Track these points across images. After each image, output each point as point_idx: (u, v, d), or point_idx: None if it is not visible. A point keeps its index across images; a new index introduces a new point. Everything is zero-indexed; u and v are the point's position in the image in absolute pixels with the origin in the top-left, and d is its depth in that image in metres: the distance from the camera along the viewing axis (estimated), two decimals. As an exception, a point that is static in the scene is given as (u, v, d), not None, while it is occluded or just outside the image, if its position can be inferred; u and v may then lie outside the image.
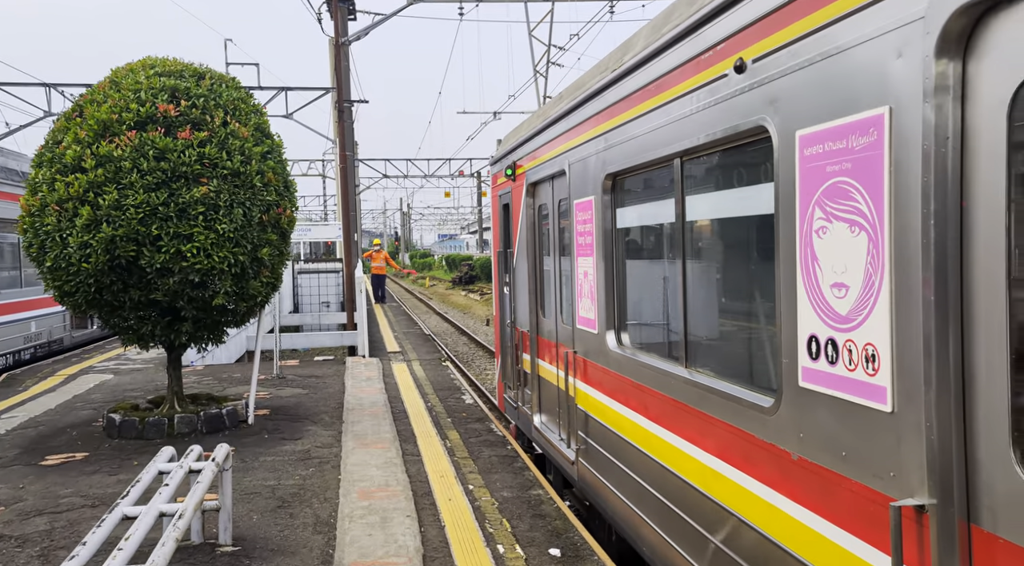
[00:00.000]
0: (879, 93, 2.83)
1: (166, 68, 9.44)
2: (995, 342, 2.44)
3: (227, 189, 9.06)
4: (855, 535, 3.06)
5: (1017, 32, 2.33)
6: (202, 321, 9.53)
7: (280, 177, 9.82)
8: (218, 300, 9.11)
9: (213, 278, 9.05)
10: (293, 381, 13.64)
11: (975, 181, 2.49)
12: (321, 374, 14.31)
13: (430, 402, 11.85)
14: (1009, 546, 2.40)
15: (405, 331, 21.57)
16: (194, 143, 8.97)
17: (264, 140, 9.75)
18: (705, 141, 4.15)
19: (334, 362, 15.73)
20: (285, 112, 36.61)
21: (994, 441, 2.46)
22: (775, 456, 3.59)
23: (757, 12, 3.59)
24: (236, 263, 9.15)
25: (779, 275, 3.51)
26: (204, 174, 8.98)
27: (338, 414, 10.94)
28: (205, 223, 8.91)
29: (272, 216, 9.57)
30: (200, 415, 9.65)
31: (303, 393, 12.54)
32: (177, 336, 9.49)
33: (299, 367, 15.27)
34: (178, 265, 8.85)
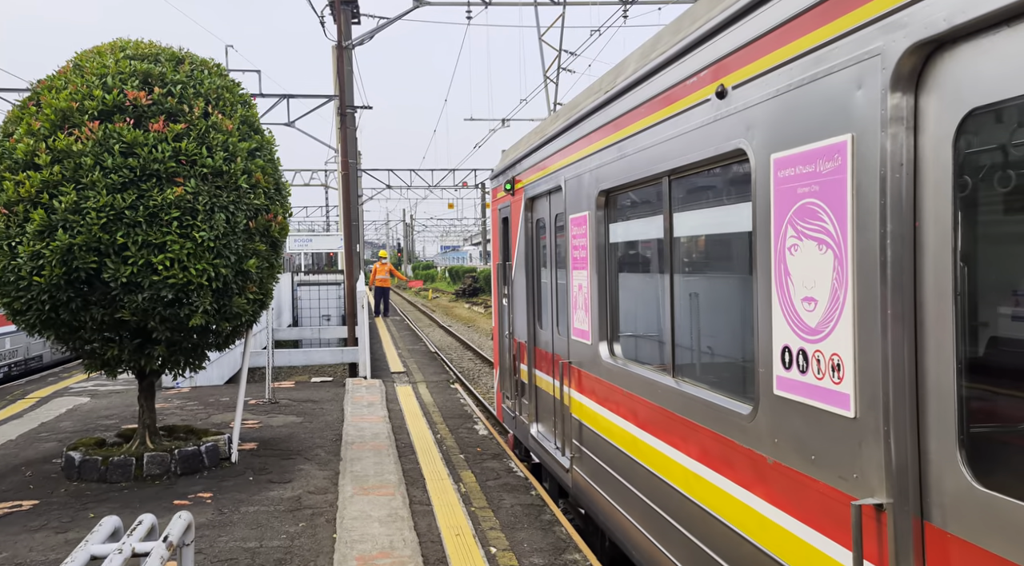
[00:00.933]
0: (843, 122, 3.01)
1: (139, 51, 8.08)
2: (944, 353, 2.62)
3: (207, 191, 7.69)
4: (822, 533, 3.23)
5: (960, 70, 2.53)
6: (178, 344, 8.14)
7: (271, 178, 8.45)
8: (196, 320, 7.73)
9: (190, 294, 7.68)
10: (287, 407, 12.23)
11: (925, 204, 2.68)
12: (318, 398, 12.90)
13: (439, 433, 10.44)
14: (957, 541, 2.57)
15: (410, 348, 20.17)
16: (169, 137, 7.61)
17: (252, 135, 8.39)
18: (691, 161, 4.32)
19: (332, 384, 14.32)
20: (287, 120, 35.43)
21: (943, 444, 2.63)
22: (753, 460, 3.75)
23: (736, 42, 3.77)
24: (217, 277, 7.78)
25: (756, 289, 3.69)
26: (180, 173, 7.62)
27: (335, 448, 9.53)
28: (180, 230, 7.54)
29: (260, 223, 8.19)
30: (174, 453, 8.24)
31: (297, 422, 11.12)
32: (148, 361, 8.09)
33: (294, 389, 13.86)
34: (148, 279, 7.47)
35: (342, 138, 25.38)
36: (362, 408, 11.95)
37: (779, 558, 3.55)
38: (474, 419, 11.40)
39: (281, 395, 13.23)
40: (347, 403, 12.35)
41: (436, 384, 14.41)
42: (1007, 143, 2.48)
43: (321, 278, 29.41)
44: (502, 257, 10.00)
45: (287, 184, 9.06)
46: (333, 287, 29.01)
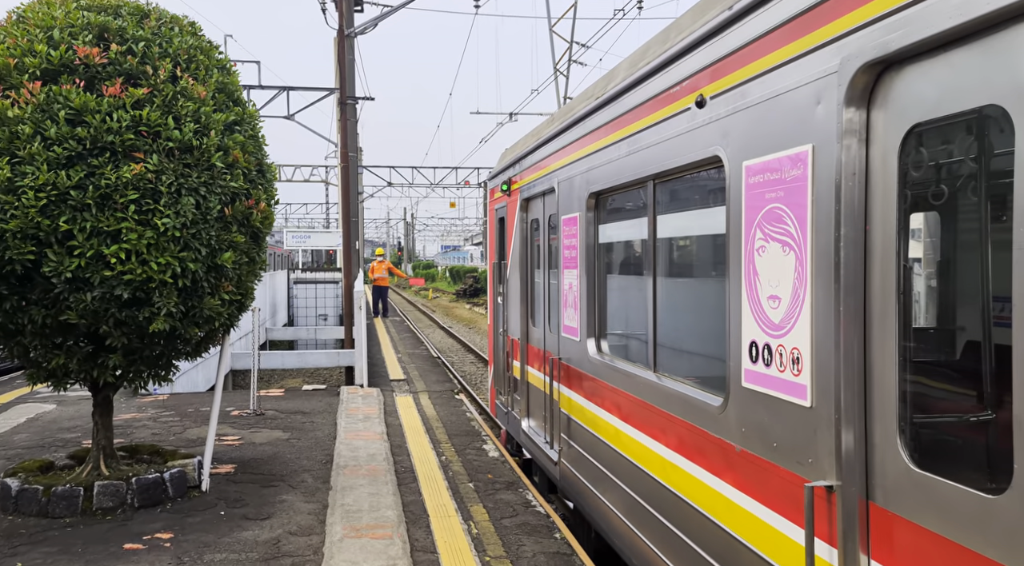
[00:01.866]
0: (805, 133, 3.22)
1: (96, 1, 6.72)
2: (888, 348, 2.83)
3: (173, 169, 6.34)
4: (781, 515, 3.42)
5: (904, 89, 2.76)
6: (137, 352, 6.78)
7: (252, 157, 7.10)
8: (158, 324, 6.37)
9: (150, 294, 6.32)
10: (273, 419, 10.86)
11: (874, 211, 2.90)
12: (309, 410, 11.54)
13: (444, 455, 9.08)
14: (896, 518, 2.79)
15: (410, 352, 18.80)
16: (127, 103, 6.26)
17: (231, 106, 7.04)
18: (673, 166, 4.51)
19: (325, 393, 12.96)
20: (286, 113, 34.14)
21: (886, 430, 2.83)
22: (723, 449, 3.93)
23: (714, 55, 3.96)
24: (184, 273, 6.43)
25: (728, 288, 3.88)
26: (140, 147, 6.26)
27: (325, 473, 8.18)
28: (139, 216, 6.19)
29: (239, 210, 6.84)
30: (132, 482, 6.87)
31: (283, 438, 9.76)
32: (102, 372, 6.74)
33: (283, 399, 12.50)
34: (98, 275, 6.12)
35: (342, 129, 24.03)
36: (357, 422, 10.58)
37: (743, 539, 3.74)
38: (482, 437, 10.05)
39: (268, 405, 11.86)
40: (341, 416, 10.99)
41: (439, 394, 13.05)
42: (943, 156, 2.72)
43: (318, 276, 28.04)
44: (498, 256, 10.09)
45: (273, 166, 7.70)
46: (331, 286, 27.66)
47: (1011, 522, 2.32)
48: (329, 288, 27.43)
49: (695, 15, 4.35)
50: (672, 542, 4.54)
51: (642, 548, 5.02)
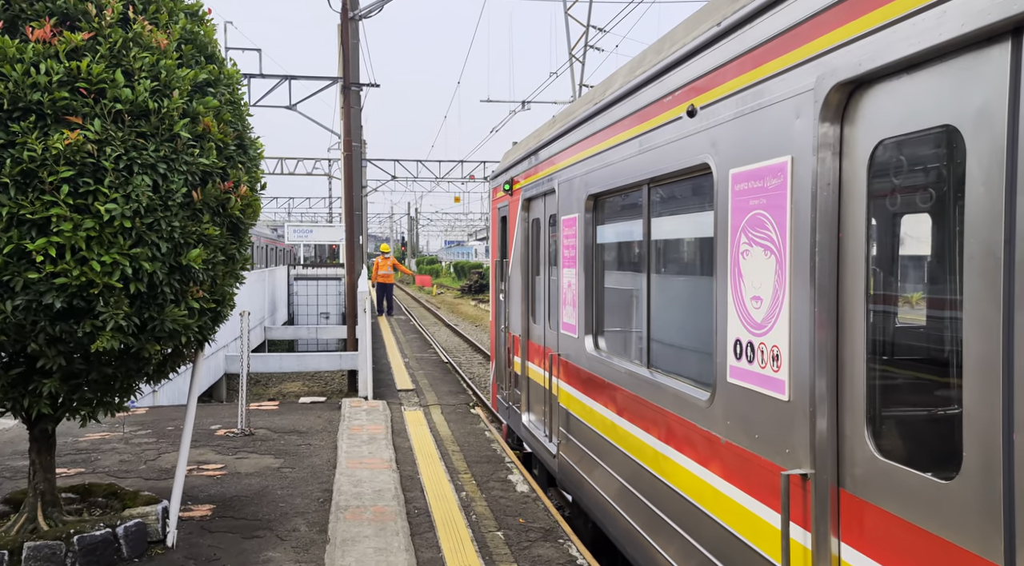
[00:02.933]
0: (785, 145, 3.37)
1: (25, -77, 5.15)
2: (856, 345, 3.01)
3: (122, 139, 4.80)
4: (761, 502, 3.58)
5: (873, 106, 2.94)
6: (82, 375, 5.25)
7: (231, 128, 5.56)
8: (103, 341, 4.83)
9: (93, 302, 4.78)
10: (264, 441, 9.31)
11: (846, 219, 3.08)
12: (306, 428, 9.98)
13: (465, 490, 7.54)
14: (866, 505, 2.95)
15: (418, 356, 17.24)
16: (61, 51, 4.71)
17: (203, 62, 5.49)
18: (666, 172, 4.63)
19: (325, 407, 11.40)
20: (288, 103, 32.63)
21: (855, 422, 3.01)
22: (709, 441, 4.07)
23: (703, 68, 4.12)
24: (138, 275, 4.89)
25: (716, 289, 4.02)
26: (77, 109, 4.72)
27: (322, 517, 6.64)
28: (75, 200, 4.65)
29: (212, 194, 5.30)
30: (72, 541, 5.32)
31: (274, 466, 8.21)
32: (35, 402, 5.19)
33: (277, 414, 10.94)
34: (21, 277, 4.58)
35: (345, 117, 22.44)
36: (361, 445, 9.03)
37: (727, 525, 3.88)
38: (506, 464, 8.50)
39: (260, 422, 10.30)
40: (342, 436, 9.44)
41: (453, 409, 11.49)
42: (906, 169, 2.93)
43: (320, 272, 26.46)
44: (500, 254, 10.11)
45: (258, 143, 6.15)
46: (333, 282, 26.10)
47: (960, 504, 2.52)
48: (331, 285, 25.88)
49: (687, 28, 4.49)
50: (662, 530, 4.70)
51: (635, 536, 5.16)
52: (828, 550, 3.14)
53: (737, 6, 3.82)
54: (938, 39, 2.53)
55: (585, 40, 24.02)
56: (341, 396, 18.29)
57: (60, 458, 8.31)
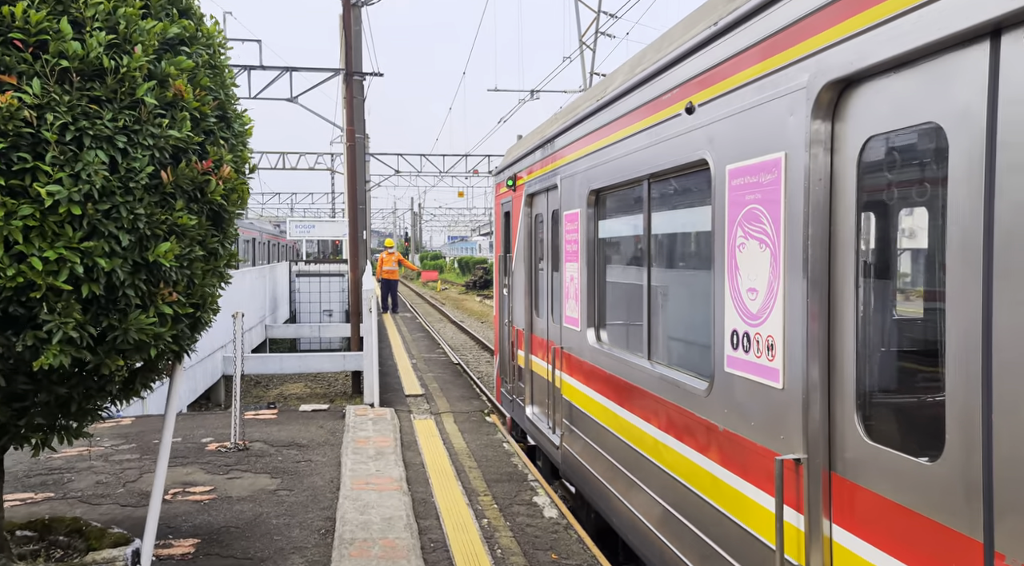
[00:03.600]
0: (779, 141, 3.43)
1: None
2: (847, 335, 3.08)
3: (69, 104, 3.81)
4: (756, 486, 3.64)
5: (862, 104, 3.00)
6: (28, 397, 4.26)
7: (210, 97, 4.57)
8: (48, 357, 3.84)
9: (35, 309, 3.80)
10: (260, 456, 8.33)
11: (837, 212, 3.14)
12: (306, 441, 9.00)
13: (486, 515, 6.57)
14: (856, 487, 3.03)
15: (426, 356, 16.25)
16: (-10, -6, 3.71)
17: (174, 15, 4.49)
18: (666, 168, 4.68)
19: (328, 415, 10.41)
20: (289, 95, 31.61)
21: (845, 408, 3.09)
22: (708, 429, 4.13)
23: (701, 67, 4.16)
24: (93, 274, 3.90)
25: (714, 281, 4.08)
26: (10, 66, 3.73)
27: (323, 554, 5.67)
28: (7, 180, 3.66)
29: (186, 175, 4.31)
30: (19, 600, 4.34)
31: (270, 488, 7.23)
32: (-31, 430, 4.20)
33: (276, 424, 9.95)
34: (-61, 278, 3.59)
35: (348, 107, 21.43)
36: (368, 461, 8.05)
37: (724, 510, 3.94)
38: (530, 483, 7.53)
39: (256, 433, 9.32)
40: (346, 450, 8.46)
41: (466, 417, 10.50)
42: (893, 164, 3.02)
43: (323, 268, 25.47)
44: (503, 249, 10.11)
45: (246, 117, 5.17)
46: (336, 279, 25.11)
47: (943, 483, 2.60)
48: (334, 281, 24.88)
49: (686, 27, 4.54)
50: (663, 517, 4.73)
51: (636, 524, 5.20)
52: (820, 531, 3.24)
53: (733, 6, 3.88)
54: (922, 40, 2.61)
55: (596, 27, 22.97)
56: (345, 398, 17.33)
57: (29, 479, 7.34)
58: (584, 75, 22.64)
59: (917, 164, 2.94)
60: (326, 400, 17.29)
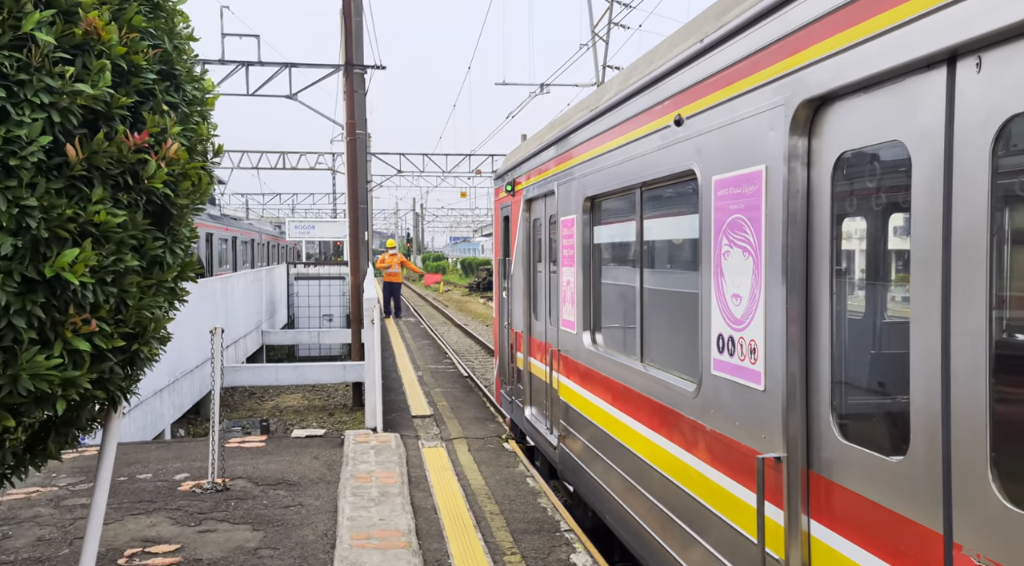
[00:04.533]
0: (760, 154, 3.54)
1: None
2: (822, 338, 3.21)
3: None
4: (740, 483, 3.75)
5: (836, 122, 3.14)
6: None
7: (145, 43, 3.19)
8: None
9: None
10: (242, 500, 6.95)
11: (814, 222, 3.28)
12: (298, 478, 7.63)
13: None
14: (831, 484, 3.15)
15: (432, 368, 14.87)
16: None
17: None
18: (657, 177, 4.81)
19: (324, 443, 9.02)
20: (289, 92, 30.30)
21: (821, 411, 3.22)
22: (696, 429, 4.25)
23: (689, 81, 4.28)
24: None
25: (701, 287, 4.21)
26: None
27: (312, 653, 4.29)
28: None
29: (107, 151, 2.94)
30: None
31: (250, 545, 5.86)
32: None
33: (264, 453, 8.57)
34: None
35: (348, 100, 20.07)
36: (369, 506, 6.68)
37: (710, 506, 4.07)
38: (564, 533, 6.17)
39: (240, 467, 7.95)
40: (344, 490, 7.09)
41: (482, 443, 9.13)
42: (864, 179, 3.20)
43: (322, 271, 24.09)
44: (503, 253, 10.16)
45: (208, 82, 3.80)
46: (336, 282, 23.76)
47: (908, 480, 2.73)
48: (334, 285, 23.54)
49: (674, 42, 4.68)
50: (654, 515, 4.84)
51: (629, 521, 5.30)
52: (799, 527, 3.33)
53: (718, 24, 3.95)
54: (887, 64, 2.74)
55: (609, 17, 21.64)
56: (345, 412, 15.96)
57: (-43, 535, 5.98)
58: (597, 68, 21.27)
59: (884, 178, 3.11)
60: (325, 413, 15.95)
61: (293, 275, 24.19)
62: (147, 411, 11.13)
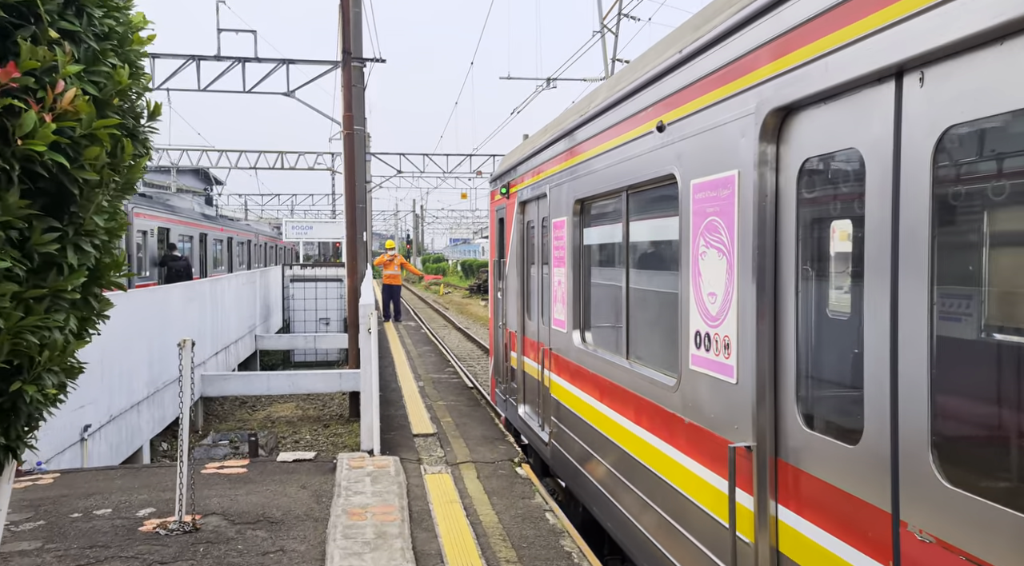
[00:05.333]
0: (733, 160, 3.75)
1: None
2: (788, 334, 3.43)
3: None
4: (714, 471, 3.97)
5: (801, 130, 3.34)
6: None
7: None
8: None
9: None
10: (212, 542, 5.84)
11: (781, 224, 3.48)
12: (281, 514, 6.51)
13: None
14: (797, 471, 3.34)
15: (435, 377, 13.76)
16: None
17: None
18: (641, 180, 5.03)
19: (314, 468, 7.90)
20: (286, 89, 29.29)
21: (788, 402, 3.42)
22: (675, 421, 4.47)
23: (670, 89, 4.50)
24: None
25: (681, 286, 4.40)
26: None
27: None
28: None
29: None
30: None
31: (216, 610, 4.75)
32: None
33: (244, 482, 7.46)
34: None
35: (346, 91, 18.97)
36: (362, 554, 5.57)
37: (686, 494, 4.29)
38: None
39: (215, 500, 6.83)
40: (335, 531, 5.98)
41: (492, 468, 8.02)
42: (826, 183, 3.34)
43: (319, 273, 22.97)
44: (498, 254, 10.38)
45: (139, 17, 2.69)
46: (333, 284, 22.65)
47: (862, 464, 2.93)
48: (331, 287, 22.42)
49: (658, 51, 4.91)
50: (637, 504, 5.04)
51: (615, 512, 5.51)
52: (767, 511, 3.52)
53: (695, 36, 4.15)
54: (844, 77, 2.94)
55: (619, 7, 20.56)
56: (341, 423, 14.84)
57: None
58: (606, 61, 20.19)
59: (844, 183, 3.24)
60: (319, 425, 14.85)
61: (289, 277, 23.06)
62: (121, 427, 10.03)
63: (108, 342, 8.65)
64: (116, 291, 3.05)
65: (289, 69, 28.58)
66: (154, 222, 21.00)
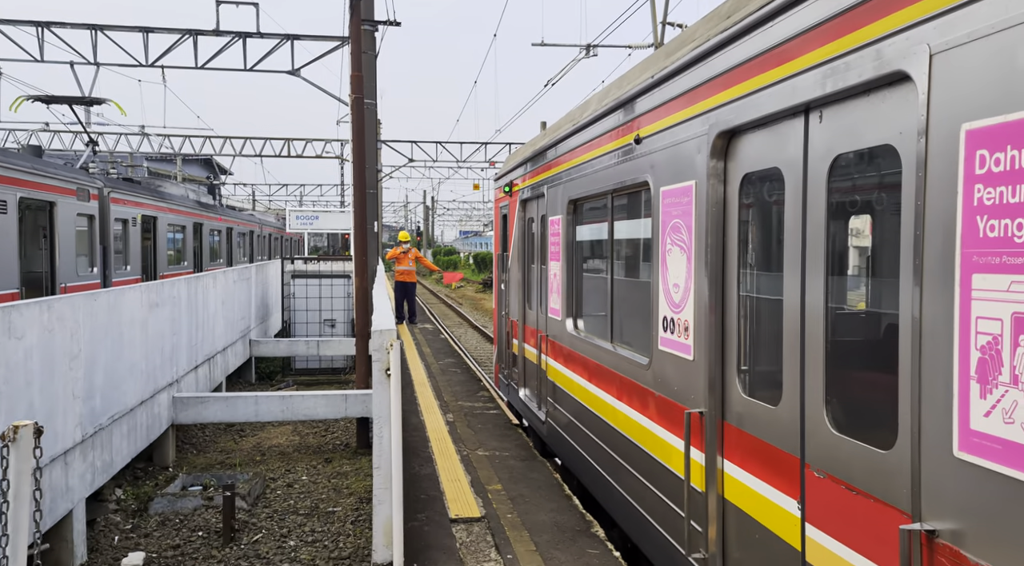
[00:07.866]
0: (692, 172, 4.47)
1: None
2: (731, 318, 4.12)
3: None
4: (675, 435, 4.68)
5: (742, 150, 4.05)
6: None
7: None
8: None
9: None
10: None
11: (727, 227, 4.18)
12: None
13: None
14: (739, 432, 4.01)
15: (467, 405, 10.63)
16: None
17: None
18: (622, 185, 5.73)
19: None
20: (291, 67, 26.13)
21: (731, 374, 4.10)
22: (647, 395, 5.17)
23: (645, 107, 5.21)
24: None
25: (653, 278, 5.10)
26: None
27: None
28: None
29: None
30: None
31: None
32: None
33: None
34: None
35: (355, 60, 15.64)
36: None
37: (653, 454, 5.03)
38: None
39: None
40: None
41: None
42: (760, 194, 4.01)
43: (323, 268, 19.84)
44: (501, 248, 10.98)
45: None
46: (340, 281, 19.54)
47: (782, 422, 3.61)
48: (337, 285, 19.34)
49: (641, 69, 5.49)
50: (617, 468, 5.77)
51: (599, 478, 6.20)
52: (715, 465, 4.23)
53: (666, 63, 4.85)
54: (768, 110, 3.67)
55: (671, -35, 17.53)
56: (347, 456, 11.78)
57: None
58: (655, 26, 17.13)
59: (771, 196, 3.89)
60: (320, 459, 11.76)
61: (289, 273, 19.94)
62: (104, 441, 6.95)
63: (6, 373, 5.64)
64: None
65: (294, 45, 25.58)
66: (136, 209, 17.92)
